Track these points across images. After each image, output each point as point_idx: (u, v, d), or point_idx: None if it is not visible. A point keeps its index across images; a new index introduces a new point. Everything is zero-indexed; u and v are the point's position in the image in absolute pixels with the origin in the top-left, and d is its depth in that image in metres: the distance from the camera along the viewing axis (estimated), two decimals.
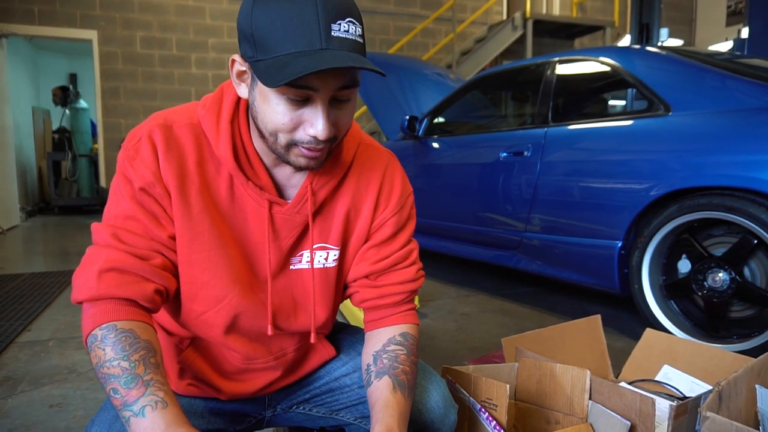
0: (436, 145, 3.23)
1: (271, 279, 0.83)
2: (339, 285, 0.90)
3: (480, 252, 2.88)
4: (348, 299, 0.94)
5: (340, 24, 0.66)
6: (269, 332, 0.83)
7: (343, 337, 1.02)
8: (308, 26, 0.65)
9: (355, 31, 0.68)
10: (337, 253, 0.86)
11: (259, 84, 0.70)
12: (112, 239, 0.74)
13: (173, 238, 0.77)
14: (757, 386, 1.04)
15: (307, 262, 0.85)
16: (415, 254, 0.91)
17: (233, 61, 0.74)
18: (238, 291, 0.81)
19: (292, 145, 0.73)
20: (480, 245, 2.89)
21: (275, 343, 0.88)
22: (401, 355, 0.83)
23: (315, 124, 0.70)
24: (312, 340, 0.87)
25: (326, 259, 0.86)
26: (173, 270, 0.79)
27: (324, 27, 0.65)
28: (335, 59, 0.64)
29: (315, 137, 0.70)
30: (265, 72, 0.66)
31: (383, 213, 0.88)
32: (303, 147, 0.72)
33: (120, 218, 0.76)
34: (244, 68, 0.73)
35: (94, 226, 0.76)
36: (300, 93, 0.68)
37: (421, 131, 3.30)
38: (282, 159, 0.75)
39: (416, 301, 2.71)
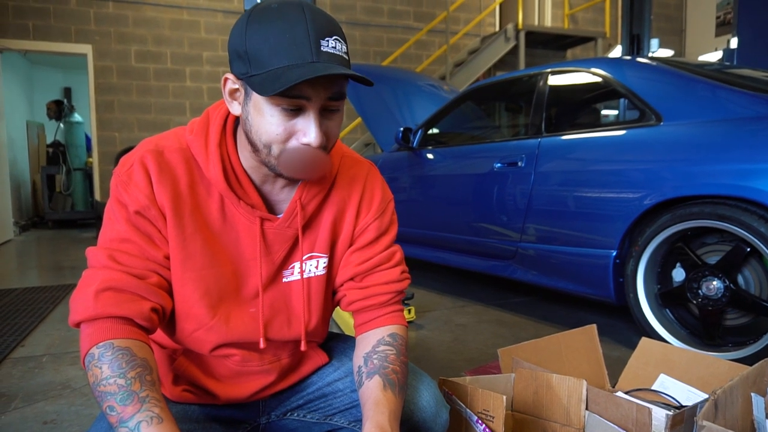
0: (430, 156, 3.25)
1: (262, 293, 0.85)
2: (329, 291, 0.93)
3: (475, 262, 2.88)
4: (339, 307, 0.96)
5: (328, 41, 0.71)
6: (261, 345, 0.85)
7: (335, 344, 1.04)
8: (300, 42, 0.69)
9: (341, 49, 0.72)
10: (326, 260, 0.89)
11: (254, 98, 0.73)
12: (108, 261, 0.75)
13: (168, 258, 0.79)
14: (752, 394, 1.04)
15: (299, 273, 0.88)
16: (399, 256, 0.95)
17: (226, 79, 0.77)
18: (229, 308, 0.83)
19: None
20: (475, 255, 2.89)
21: (268, 351, 0.90)
22: (391, 355, 0.85)
23: (308, 133, 0.73)
24: (303, 348, 0.89)
25: (316, 267, 0.89)
26: (169, 289, 0.80)
27: (314, 42, 0.70)
28: (327, 69, 0.68)
29: (308, 145, 0.73)
30: (260, 84, 0.70)
31: (365, 218, 0.91)
32: None
33: (116, 241, 0.77)
34: (236, 86, 0.76)
35: (90, 250, 0.78)
36: (293, 102, 0.71)
37: (415, 142, 3.32)
38: (275, 171, 0.78)
39: (412, 313, 2.70)
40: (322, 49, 0.70)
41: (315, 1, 3.15)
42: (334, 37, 0.72)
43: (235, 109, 0.78)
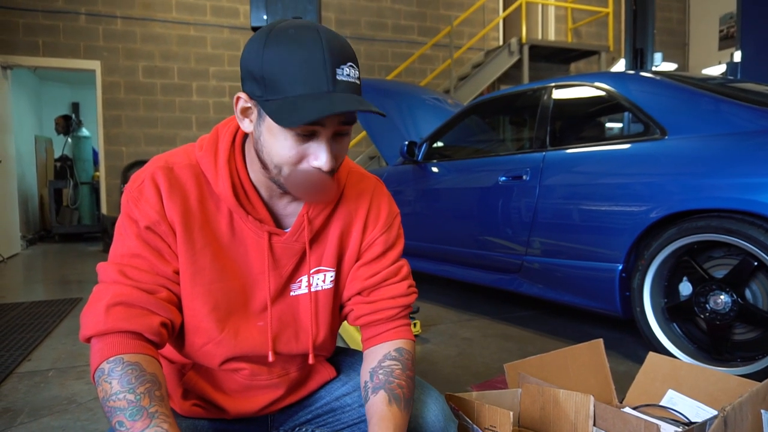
0: (435, 169, 3.26)
1: (271, 306, 0.86)
2: (336, 305, 0.94)
3: (481, 276, 2.88)
4: (346, 322, 0.97)
5: (343, 69, 0.72)
6: (270, 358, 0.86)
7: (343, 359, 1.05)
8: (316, 70, 0.70)
9: (355, 75, 0.74)
10: (333, 273, 0.90)
11: (267, 121, 0.74)
12: (118, 276, 0.76)
13: (178, 272, 0.80)
14: (762, 411, 1.03)
15: (306, 286, 0.88)
16: (405, 271, 0.95)
17: (238, 98, 0.78)
18: (238, 322, 0.84)
19: None
20: (481, 269, 2.89)
21: (277, 364, 0.91)
22: (396, 370, 0.86)
23: (320, 157, 0.74)
24: (311, 361, 0.89)
25: (323, 281, 0.90)
26: (178, 304, 0.81)
27: (330, 71, 0.70)
28: (343, 103, 0.69)
29: (320, 169, 0.75)
30: (277, 112, 0.71)
31: (372, 233, 0.92)
32: None
33: (126, 257, 0.78)
34: (249, 105, 0.77)
35: (100, 265, 0.79)
36: (308, 129, 0.73)
37: (420, 156, 3.33)
38: (283, 189, 0.79)
39: (418, 327, 2.68)
40: (337, 77, 0.71)
41: (320, 17, 3.19)
42: (349, 64, 0.73)
43: (247, 126, 0.79)
